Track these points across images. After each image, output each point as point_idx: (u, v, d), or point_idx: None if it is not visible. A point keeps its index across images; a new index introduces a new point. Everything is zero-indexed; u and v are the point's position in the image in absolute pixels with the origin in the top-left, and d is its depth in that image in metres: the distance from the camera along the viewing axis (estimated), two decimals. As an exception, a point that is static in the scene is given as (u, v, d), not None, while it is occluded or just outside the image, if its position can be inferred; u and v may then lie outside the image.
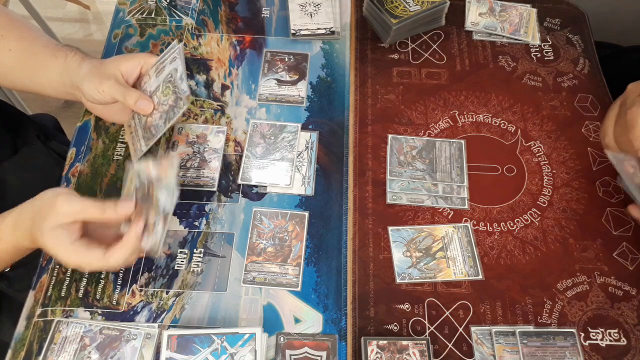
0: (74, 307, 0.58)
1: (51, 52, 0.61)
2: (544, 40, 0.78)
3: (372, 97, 0.73)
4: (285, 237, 0.63)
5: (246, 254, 0.61)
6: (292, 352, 0.56)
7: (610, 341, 0.57)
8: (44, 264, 0.61)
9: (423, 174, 0.66)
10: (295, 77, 0.74)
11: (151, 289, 0.59)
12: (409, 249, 0.62)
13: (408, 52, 0.77)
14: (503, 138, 0.70)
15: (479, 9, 0.80)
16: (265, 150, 0.67)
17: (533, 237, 0.63)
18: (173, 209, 0.54)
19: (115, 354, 0.54)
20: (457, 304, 0.59)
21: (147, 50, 0.75)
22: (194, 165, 0.66)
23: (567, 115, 0.72)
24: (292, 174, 0.66)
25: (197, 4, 0.80)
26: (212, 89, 0.73)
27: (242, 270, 0.60)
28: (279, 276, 0.60)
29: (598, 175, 0.67)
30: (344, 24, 0.79)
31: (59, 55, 0.61)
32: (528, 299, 0.60)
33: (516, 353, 0.56)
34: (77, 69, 0.59)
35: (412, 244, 0.62)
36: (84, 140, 0.68)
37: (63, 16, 1.94)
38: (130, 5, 0.80)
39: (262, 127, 0.69)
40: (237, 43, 0.77)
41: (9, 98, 1.39)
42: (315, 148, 0.68)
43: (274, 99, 0.72)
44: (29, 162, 0.73)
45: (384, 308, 0.59)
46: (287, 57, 0.75)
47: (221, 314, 0.58)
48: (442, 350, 0.57)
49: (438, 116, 0.71)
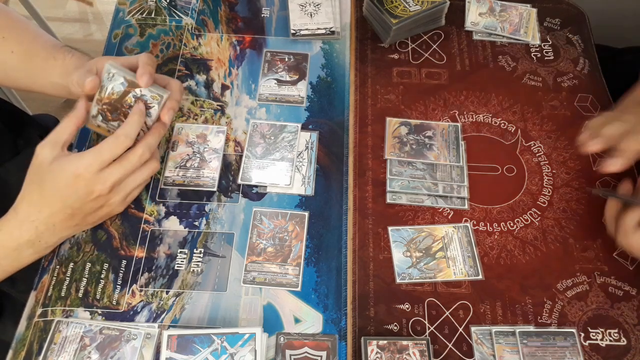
0: (74, 307, 0.58)
1: (51, 53, 0.61)
2: (544, 40, 0.78)
3: (372, 97, 0.73)
4: (286, 237, 0.63)
5: (246, 254, 0.61)
6: (292, 352, 0.56)
7: (610, 341, 0.57)
8: (46, 265, 0.61)
9: (423, 173, 0.66)
10: (295, 77, 0.74)
11: (151, 289, 0.59)
12: (409, 249, 0.62)
13: (408, 52, 0.77)
14: (503, 138, 0.70)
15: (479, 9, 0.80)
16: (265, 150, 0.67)
17: (533, 237, 0.63)
18: (165, 95, 0.59)
19: (115, 354, 0.54)
20: (457, 304, 0.59)
21: (147, 50, 0.75)
22: (194, 165, 0.66)
23: (567, 115, 0.72)
24: (292, 174, 0.66)
25: (197, 4, 0.80)
26: (212, 89, 0.73)
27: (242, 270, 0.60)
28: (279, 276, 0.60)
29: (598, 175, 0.67)
30: (344, 24, 0.79)
31: (59, 57, 0.61)
32: (528, 299, 0.60)
33: (516, 353, 0.56)
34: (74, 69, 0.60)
35: (412, 244, 0.62)
36: (85, 140, 0.68)
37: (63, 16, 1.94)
38: (130, 5, 0.80)
39: (262, 127, 0.69)
40: (237, 43, 0.77)
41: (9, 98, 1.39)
42: (315, 148, 0.68)
43: (274, 99, 0.72)
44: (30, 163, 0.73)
45: (384, 308, 0.59)
46: (287, 57, 0.75)
47: (221, 314, 0.58)
48: (442, 350, 0.57)
49: (438, 116, 0.71)
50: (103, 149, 0.54)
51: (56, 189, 0.53)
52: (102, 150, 0.53)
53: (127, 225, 0.63)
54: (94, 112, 0.59)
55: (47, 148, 0.53)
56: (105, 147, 0.54)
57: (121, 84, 0.57)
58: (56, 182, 0.53)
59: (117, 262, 0.61)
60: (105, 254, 0.61)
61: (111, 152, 0.54)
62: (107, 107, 0.58)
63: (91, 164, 0.53)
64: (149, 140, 0.57)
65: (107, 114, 0.59)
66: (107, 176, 0.54)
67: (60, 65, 0.61)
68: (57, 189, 0.53)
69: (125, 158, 0.55)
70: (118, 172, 0.55)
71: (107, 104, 0.58)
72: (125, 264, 0.61)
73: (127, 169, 0.56)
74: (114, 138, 0.54)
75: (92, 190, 0.54)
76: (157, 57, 0.75)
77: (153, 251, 0.62)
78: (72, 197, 0.54)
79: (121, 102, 0.58)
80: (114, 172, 0.55)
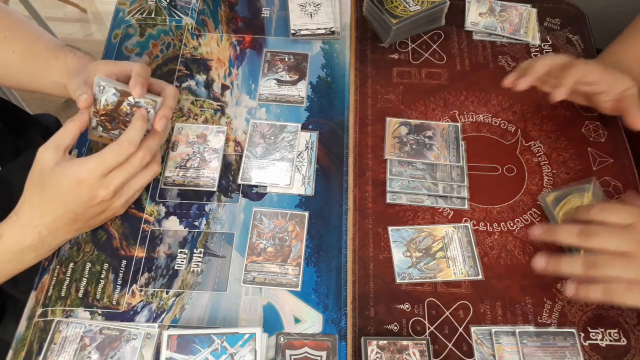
0: (74, 307, 0.58)
1: (53, 52, 0.61)
2: (544, 40, 0.78)
3: (372, 97, 0.73)
4: (286, 237, 0.63)
5: (246, 254, 0.61)
6: (292, 352, 0.56)
7: (610, 341, 0.57)
8: (46, 265, 0.61)
9: (423, 173, 0.66)
10: (295, 77, 0.74)
11: (151, 289, 0.59)
12: (409, 249, 0.62)
13: (408, 52, 0.77)
14: (503, 138, 0.70)
15: (479, 9, 0.80)
16: (265, 150, 0.67)
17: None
18: (158, 102, 0.59)
19: (115, 354, 0.54)
20: (457, 304, 0.59)
21: (147, 50, 0.75)
22: (194, 165, 0.66)
23: (567, 115, 0.72)
24: (292, 174, 0.66)
25: (197, 4, 0.80)
26: (212, 89, 0.73)
27: (242, 270, 0.60)
28: (279, 276, 0.60)
29: (598, 175, 0.67)
30: (344, 24, 0.79)
31: (60, 56, 0.61)
32: (528, 299, 0.60)
33: (516, 353, 0.56)
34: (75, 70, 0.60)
35: (412, 244, 0.62)
36: (85, 140, 0.68)
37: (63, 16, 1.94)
38: (130, 5, 0.80)
39: (262, 127, 0.69)
40: (237, 43, 0.77)
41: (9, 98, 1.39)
42: (315, 148, 0.68)
43: (274, 99, 0.72)
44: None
45: (384, 308, 0.59)
46: (287, 57, 0.75)
47: (221, 314, 0.58)
48: (442, 350, 0.57)
49: (438, 116, 0.71)
50: (107, 155, 0.54)
51: (58, 193, 0.52)
52: (105, 156, 0.53)
53: (127, 225, 0.63)
54: (93, 124, 0.60)
55: (49, 152, 0.53)
56: (109, 153, 0.54)
57: (113, 94, 0.57)
58: (58, 187, 0.52)
59: (117, 262, 0.61)
60: (105, 254, 0.61)
61: (115, 159, 0.54)
62: (104, 118, 0.59)
63: (94, 169, 0.53)
64: (150, 143, 0.57)
65: (107, 124, 0.59)
66: (110, 181, 0.54)
67: (61, 65, 0.61)
68: (59, 194, 0.53)
69: (127, 162, 0.55)
70: (121, 177, 0.55)
71: (104, 115, 0.59)
72: (125, 264, 0.61)
73: (130, 173, 0.56)
74: (118, 144, 0.54)
75: (95, 196, 0.54)
76: (157, 57, 0.75)
77: (153, 251, 0.62)
78: (75, 202, 0.54)
79: (117, 112, 0.59)
80: (117, 177, 0.55)
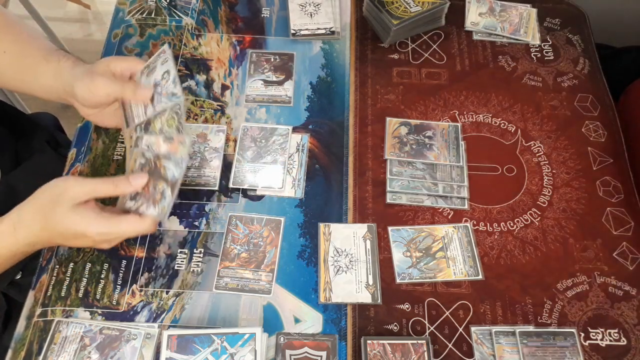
0: (74, 307, 0.58)
1: (44, 55, 0.60)
2: (544, 40, 0.78)
3: (372, 97, 0.73)
4: (260, 243, 0.62)
5: (219, 260, 0.61)
6: (292, 352, 0.56)
7: (610, 341, 0.57)
8: (44, 264, 0.61)
9: (423, 173, 0.66)
10: (281, 77, 0.74)
11: (151, 289, 0.59)
12: (409, 249, 0.62)
13: (408, 52, 0.77)
14: (503, 138, 0.70)
15: (479, 9, 0.80)
16: (257, 154, 0.67)
17: (533, 237, 0.63)
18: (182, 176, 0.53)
19: (115, 354, 0.54)
20: (457, 304, 0.59)
21: (147, 50, 0.75)
22: (195, 165, 0.66)
23: (567, 115, 0.72)
24: (283, 177, 0.66)
25: (197, 4, 0.80)
26: (212, 89, 0.73)
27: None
28: (251, 282, 0.60)
29: (598, 175, 0.67)
30: (344, 24, 0.79)
31: (52, 60, 0.60)
32: (528, 299, 0.60)
33: (516, 353, 0.56)
34: (69, 73, 0.58)
35: (412, 244, 0.62)
36: (85, 140, 0.68)
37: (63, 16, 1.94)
38: (130, 5, 0.80)
39: (253, 131, 0.69)
40: (237, 43, 0.77)
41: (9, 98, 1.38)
42: (306, 150, 0.68)
43: (262, 100, 0.72)
44: (40, 170, 0.72)
45: (384, 308, 0.59)
46: (273, 57, 0.75)
47: (221, 314, 0.58)
48: (442, 350, 0.57)
49: (438, 116, 0.71)
50: (123, 226, 0.52)
51: (60, 233, 0.52)
52: (121, 226, 0.52)
53: (127, 225, 0.63)
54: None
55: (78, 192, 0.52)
56: (127, 226, 0.52)
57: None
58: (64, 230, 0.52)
59: (117, 262, 0.61)
60: (105, 254, 0.61)
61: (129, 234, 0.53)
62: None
63: (103, 232, 0.52)
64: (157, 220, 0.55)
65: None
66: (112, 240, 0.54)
67: (53, 68, 0.60)
68: (60, 233, 0.52)
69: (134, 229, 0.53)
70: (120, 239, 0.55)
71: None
72: (125, 264, 0.61)
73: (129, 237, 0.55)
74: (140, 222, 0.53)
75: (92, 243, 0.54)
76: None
77: (153, 251, 0.62)
78: (72, 242, 0.54)
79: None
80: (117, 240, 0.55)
